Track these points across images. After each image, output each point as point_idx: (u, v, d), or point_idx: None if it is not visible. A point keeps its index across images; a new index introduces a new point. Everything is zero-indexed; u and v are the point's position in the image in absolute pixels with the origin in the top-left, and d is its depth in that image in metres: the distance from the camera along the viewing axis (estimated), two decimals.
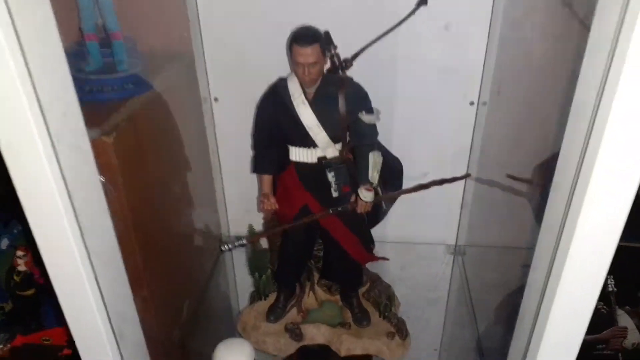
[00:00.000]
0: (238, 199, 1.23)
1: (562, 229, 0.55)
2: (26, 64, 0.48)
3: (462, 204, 1.20)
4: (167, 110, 0.94)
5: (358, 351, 0.98)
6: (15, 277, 1.16)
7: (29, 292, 1.17)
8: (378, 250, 1.05)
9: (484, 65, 1.03)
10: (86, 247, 0.59)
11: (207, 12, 1.02)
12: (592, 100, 0.48)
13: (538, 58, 0.88)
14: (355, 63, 0.90)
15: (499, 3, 0.95)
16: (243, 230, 1.15)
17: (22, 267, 1.15)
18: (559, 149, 0.60)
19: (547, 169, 0.87)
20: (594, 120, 0.48)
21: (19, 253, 1.14)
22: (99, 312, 0.64)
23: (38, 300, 1.20)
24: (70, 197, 0.56)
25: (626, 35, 0.42)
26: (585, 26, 0.67)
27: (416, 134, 1.09)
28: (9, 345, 1.17)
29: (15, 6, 0.45)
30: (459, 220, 1.24)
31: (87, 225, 0.58)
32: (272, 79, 0.95)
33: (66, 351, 1.18)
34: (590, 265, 0.56)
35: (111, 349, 0.67)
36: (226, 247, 0.89)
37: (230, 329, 1.14)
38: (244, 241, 0.89)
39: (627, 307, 1.33)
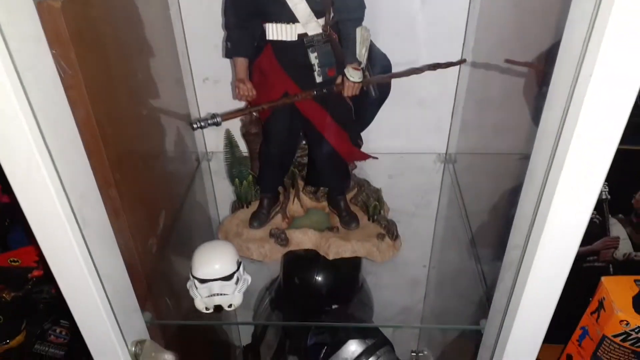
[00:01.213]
0: (210, 88, 1.11)
1: (560, 135, 0.51)
2: None
3: (453, 105, 1.13)
4: None
5: (347, 254, 0.93)
6: None
7: None
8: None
9: None
10: (45, 142, 0.51)
11: None
12: None
13: None
14: None
15: None
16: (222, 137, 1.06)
17: None
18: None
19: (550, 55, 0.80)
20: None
21: None
22: (62, 208, 0.56)
23: (2, 219, 1.12)
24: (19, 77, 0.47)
25: None
26: None
27: (402, 17, 0.99)
28: None
29: None
30: (450, 126, 1.17)
31: (44, 115, 0.50)
32: None
33: (36, 272, 1.12)
34: (588, 171, 0.52)
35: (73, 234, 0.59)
36: (199, 124, 0.80)
37: (210, 238, 1.08)
38: (218, 119, 0.80)
39: (620, 215, 1.30)
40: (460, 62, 0.91)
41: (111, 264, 0.67)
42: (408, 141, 1.18)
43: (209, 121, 0.79)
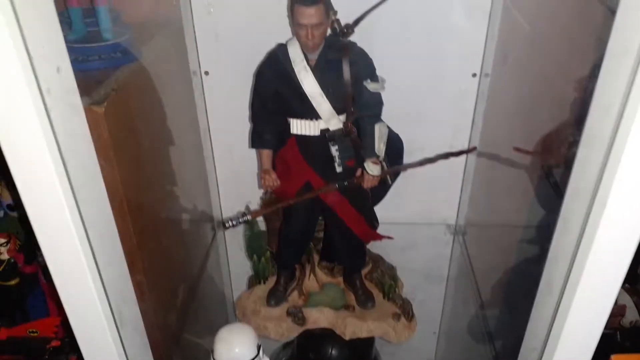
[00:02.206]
0: (230, 177, 1.17)
1: (587, 219, 0.52)
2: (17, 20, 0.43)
3: (462, 181, 1.17)
4: (156, 82, 0.88)
5: (363, 334, 0.95)
6: None
7: (13, 282, 1.11)
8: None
9: (486, 36, 1.00)
10: (82, 220, 0.54)
11: None
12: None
13: (546, 28, 0.84)
14: (356, 30, 0.85)
15: None
16: (236, 209, 1.10)
17: (4, 256, 1.09)
18: (569, 120, 0.57)
19: (558, 141, 0.85)
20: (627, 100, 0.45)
21: (1, 240, 1.08)
22: (98, 295, 0.59)
23: (22, 291, 1.13)
24: (64, 163, 0.50)
25: None
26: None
27: (416, 107, 1.05)
28: None
29: None
30: (460, 199, 1.21)
31: (83, 197, 0.53)
32: (266, 51, 0.90)
33: (54, 343, 1.13)
34: (616, 251, 0.53)
35: (111, 334, 0.62)
36: (230, 223, 0.83)
37: (224, 313, 1.10)
38: (248, 217, 0.83)
39: (626, 284, 1.32)
40: (471, 150, 0.96)
41: (138, 346, 0.69)
42: (419, 212, 1.22)
43: (240, 219, 0.83)
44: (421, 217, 1.22)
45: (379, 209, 1.03)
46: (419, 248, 1.22)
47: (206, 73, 1.05)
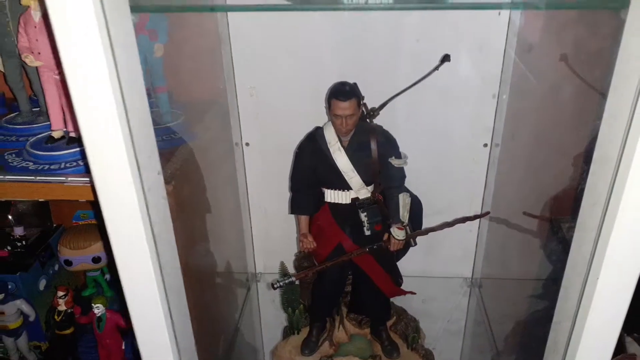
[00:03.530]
0: (264, 237, 1.30)
1: (590, 266, 0.62)
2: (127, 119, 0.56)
3: (477, 238, 1.28)
4: (205, 155, 1.02)
5: None
6: (55, 317, 1.20)
7: (68, 331, 1.21)
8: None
9: (495, 112, 1.13)
10: (164, 285, 0.67)
11: (241, 66, 1.12)
12: (614, 154, 0.56)
13: (547, 106, 0.97)
14: (381, 112, 0.99)
15: (509, 61, 1.05)
16: (269, 267, 1.22)
17: (62, 307, 1.20)
18: (571, 187, 0.68)
19: (560, 206, 0.96)
20: (620, 161, 0.55)
21: (60, 293, 1.19)
22: (170, 340, 0.70)
23: (75, 339, 1.24)
24: (154, 237, 0.63)
25: None
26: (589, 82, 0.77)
27: (435, 175, 1.18)
28: None
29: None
30: (475, 254, 1.32)
31: (163, 256, 0.66)
32: (298, 126, 1.05)
33: None
34: (618, 295, 0.63)
35: None
36: (278, 284, 0.95)
37: None
38: (293, 278, 0.96)
39: (635, 334, 1.39)
40: (484, 214, 1.08)
41: None
42: (439, 267, 1.32)
43: (286, 281, 0.95)
44: (440, 271, 1.33)
45: (402, 263, 1.14)
46: (438, 300, 1.32)
47: (247, 144, 1.19)
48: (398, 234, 0.95)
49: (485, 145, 1.16)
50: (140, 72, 0.60)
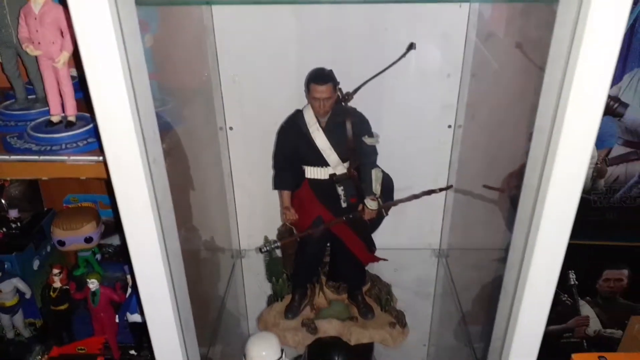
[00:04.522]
0: (248, 214, 1.39)
1: (532, 218, 0.74)
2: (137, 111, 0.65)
3: (444, 212, 1.40)
4: (192, 138, 1.10)
5: (365, 340, 1.16)
6: (51, 294, 1.27)
7: (63, 307, 1.28)
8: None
9: (458, 96, 1.24)
10: (166, 248, 0.76)
11: (225, 55, 1.20)
12: (548, 125, 0.68)
13: (503, 89, 1.09)
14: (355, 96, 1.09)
15: (470, 49, 1.16)
16: (252, 244, 1.32)
17: (57, 284, 1.26)
18: (523, 163, 0.79)
19: (514, 180, 1.08)
20: (550, 142, 0.67)
21: (55, 271, 1.25)
22: (171, 303, 0.79)
23: (70, 314, 1.31)
24: (157, 205, 0.72)
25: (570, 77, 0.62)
26: (538, 66, 0.88)
27: (404, 154, 1.29)
28: (46, 356, 1.28)
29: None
30: (442, 226, 1.44)
31: (165, 221, 0.75)
32: (279, 110, 1.14)
33: (100, 359, 1.30)
34: (551, 258, 0.75)
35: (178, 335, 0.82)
36: (265, 248, 1.06)
37: (245, 328, 1.30)
38: (278, 244, 1.06)
39: (587, 297, 1.54)
40: (449, 187, 1.19)
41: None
42: (409, 239, 1.44)
43: (272, 245, 1.06)
44: (410, 243, 1.44)
45: (376, 237, 1.25)
46: (409, 269, 1.43)
47: (231, 128, 1.28)
48: (371, 204, 1.06)
49: (450, 126, 1.28)
50: (144, 58, 0.69)
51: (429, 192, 1.12)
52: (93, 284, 1.24)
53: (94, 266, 1.36)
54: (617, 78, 1.31)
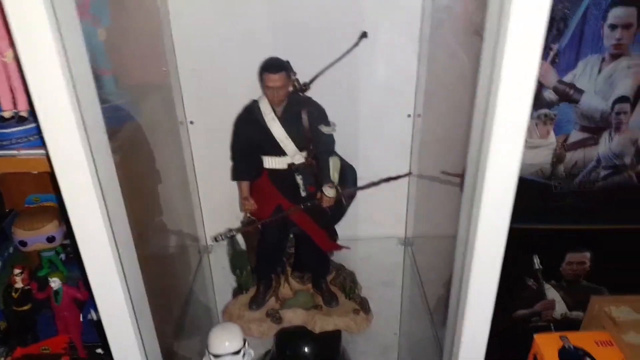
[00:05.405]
0: (213, 208, 1.39)
1: (474, 190, 0.76)
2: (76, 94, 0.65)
3: (407, 200, 1.41)
4: (150, 132, 1.09)
5: (330, 327, 1.16)
6: (13, 294, 1.26)
7: (26, 307, 1.26)
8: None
9: (416, 86, 1.26)
10: (110, 222, 0.75)
11: (182, 47, 1.19)
12: (483, 105, 0.69)
13: (458, 76, 1.11)
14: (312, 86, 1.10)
15: (425, 37, 1.18)
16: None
17: (19, 284, 1.25)
18: None
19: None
20: (485, 122, 0.69)
21: (16, 271, 1.24)
22: (124, 297, 0.79)
23: (33, 315, 1.30)
24: (102, 191, 0.72)
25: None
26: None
27: (365, 144, 1.30)
28: (9, 358, 1.26)
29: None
30: (406, 215, 1.45)
31: (111, 207, 0.74)
32: (240, 103, 1.14)
33: (65, 358, 1.29)
34: (494, 238, 0.77)
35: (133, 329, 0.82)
36: (220, 237, 1.06)
37: (212, 321, 1.29)
38: (234, 232, 1.06)
39: (552, 281, 1.57)
40: (406, 174, 1.21)
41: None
42: (375, 229, 1.45)
43: (228, 234, 1.05)
44: (376, 232, 1.45)
45: (340, 229, 1.26)
46: (375, 259, 1.44)
47: (191, 122, 1.28)
48: (329, 192, 1.07)
49: (409, 115, 1.29)
50: (84, 49, 0.69)
51: (387, 180, 1.13)
52: (55, 282, 1.22)
53: (58, 266, 1.34)
54: (571, 65, 1.34)
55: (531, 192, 1.45)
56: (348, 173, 1.17)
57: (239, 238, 1.31)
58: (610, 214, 1.47)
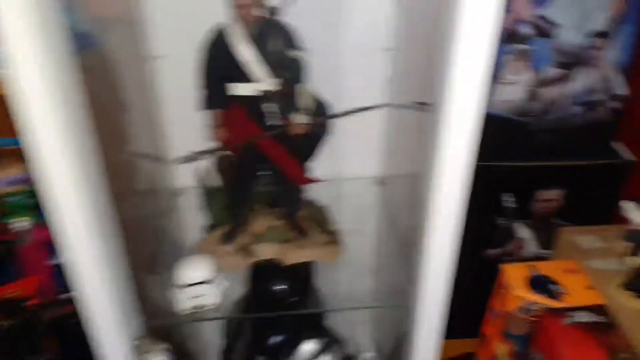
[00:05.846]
0: (181, 139, 1.34)
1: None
2: None
3: (382, 137, 1.40)
4: (115, 68, 1.04)
5: (302, 259, 1.17)
6: None
7: None
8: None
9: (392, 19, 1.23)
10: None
11: None
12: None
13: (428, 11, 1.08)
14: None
15: None
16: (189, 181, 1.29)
17: None
18: None
19: None
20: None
21: None
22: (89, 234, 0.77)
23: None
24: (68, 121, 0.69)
25: None
26: None
27: (339, 77, 1.26)
28: None
29: None
30: (380, 153, 1.44)
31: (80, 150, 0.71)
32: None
33: (34, 300, 1.26)
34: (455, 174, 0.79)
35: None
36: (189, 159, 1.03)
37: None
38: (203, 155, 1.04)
39: (523, 220, 1.59)
40: (379, 106, 1.19)
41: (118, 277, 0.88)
42: (348, 169, 1.44)
43: (197, 156, 1.03)
44: (349, 172, 1.44)
45: (314, 167, 1.23)
46: (348, 199, 1.44)
47: (158, 57, 1.22)
48: (297, 118, 1.05)
49: (385, 49, 1.26)
50: None
51: (363, 109, 1.11)
52: (22, 223, 1.20)
53: (27, 210, 1.31)
54: (545, 0, 1.32)
55: (506, 130, 1.45)
56: (320, 109, 1.15)
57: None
58: (583, 150, 1.48)
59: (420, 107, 1.15)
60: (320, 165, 1.26)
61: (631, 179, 1.47)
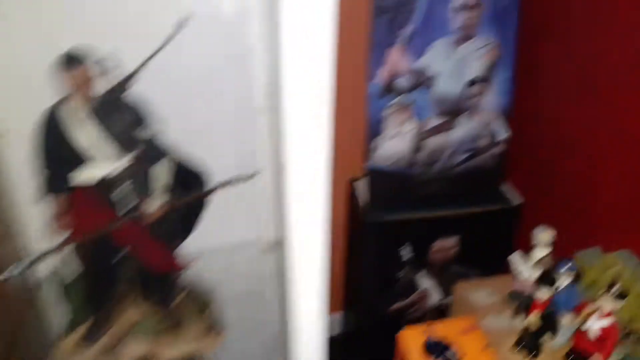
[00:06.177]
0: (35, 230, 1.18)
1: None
2: None
3: (268, 201, 1.31)
4: None
5: (177, 354, 1.03)
6: None
7: None
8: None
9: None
10: None
11: None
12: None
13: None
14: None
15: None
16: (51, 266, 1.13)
17: None
18: None
19: None
20: None
21: None
22: None
23: None
24: None
25: None
26: None
27: (212, 143, 1.16)
28: None
29: None
30: (272, 216, 1.35)
31: None
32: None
33: None
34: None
35: None
36: (10, 272, 0.86)
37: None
38: (27, 263, 0.87)
39: (424, 270, 1.56)
40: (250, 176, 1.10)
41: None
42: (235, 235, 1.33)
43: (20, 269, 0.87)
44: (237, 239, 1.34)
45: (198, 237, 1.12)
46: (236, 268, 1.33)
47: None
48: (151, 205, 0.93)
49: (255, 107, 1.18)
50: None
51: (227, 183, 1.02)
52: None
53: None
54: (422, 50, 1.32)
55: (394, 183, 1.42)
56: (189, 179, 1.04)
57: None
58: (473, 197, 1.47)
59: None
60: (202, 235, 1.15)
61: (522, 220, 1.48)
